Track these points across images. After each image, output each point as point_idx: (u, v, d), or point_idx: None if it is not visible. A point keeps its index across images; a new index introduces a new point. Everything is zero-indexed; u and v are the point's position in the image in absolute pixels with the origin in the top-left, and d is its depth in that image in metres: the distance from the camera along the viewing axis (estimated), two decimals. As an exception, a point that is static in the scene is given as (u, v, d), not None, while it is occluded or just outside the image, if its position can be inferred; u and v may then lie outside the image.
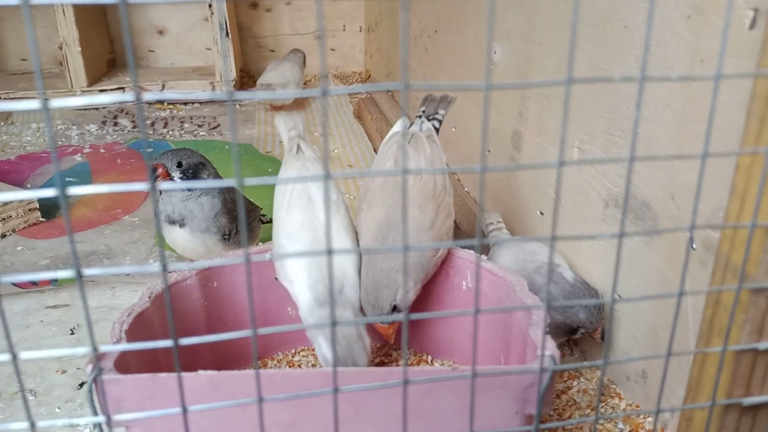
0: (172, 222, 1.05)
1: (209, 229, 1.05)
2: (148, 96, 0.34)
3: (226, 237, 1.07)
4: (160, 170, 1.03)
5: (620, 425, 0.81)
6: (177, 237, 1.07)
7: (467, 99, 1.43)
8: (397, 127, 1.00)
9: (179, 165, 1.03)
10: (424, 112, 1.01)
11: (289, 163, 0.93)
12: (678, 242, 0.75)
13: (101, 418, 0.44)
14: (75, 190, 0.36)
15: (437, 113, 1.00)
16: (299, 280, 0.80)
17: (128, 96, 0.34)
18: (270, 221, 1.05)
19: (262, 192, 1.49)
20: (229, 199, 1.07)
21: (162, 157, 1.04)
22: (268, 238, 0.96)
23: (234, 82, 2.40)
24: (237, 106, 2.32)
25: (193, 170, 1.04)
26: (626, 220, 0.83)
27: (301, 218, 0.83)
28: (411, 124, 0.98)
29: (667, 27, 0.74)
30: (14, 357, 0.39)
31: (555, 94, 1.05)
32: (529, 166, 0.39)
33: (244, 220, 0.44)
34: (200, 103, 2.35)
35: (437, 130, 0.98)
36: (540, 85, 0.40)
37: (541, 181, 1.09)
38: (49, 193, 0.35)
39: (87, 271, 0.38)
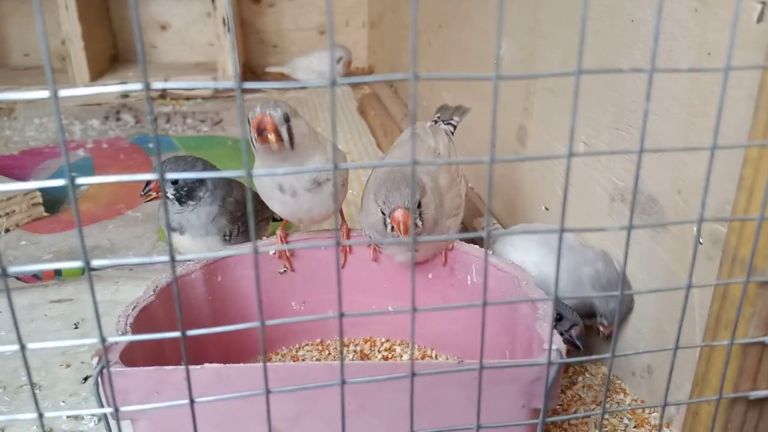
0: (173, 229, 1.06)
1: (209, 233, 1.05)
2: (155, 85, 0.34)
3: (226, 237, 1.07)
4: (152, 184, 1.01)
5: (626, 420, 0.81)
6: (179, 243, 1.08)
7: (471, 95, 1.42)
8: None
9: (174, 182, 1.01)
10: (439, 117, 1.03)
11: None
12: (684, 237, 0.75)
13: (109, 410, 0.44)
14: (83, 180, 0.36)
15: (452, 119, 1.03)
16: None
17: (137, 85, 0.34)
18: (280, 219, 1.04)
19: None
20: (230, 200, 1.06)
21: (167, 162, 1.03)
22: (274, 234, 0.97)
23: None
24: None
25: (188, 188, 1.02)
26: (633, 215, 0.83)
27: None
28: (429, 124, 1.00)
29: (674, 20, 0.73)
30: (23, 347, 0.39)
31: (560, 89, 1.04)
32: (538, 158, 0.39)
33: (252, 211, 0.44)
34: (203, 98, 2.35)
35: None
36: (549, 76, 0.39)
37: (546, 176, 1.09)
38: (58, 182, 0.35)
39: (95, 262, 0.38)
